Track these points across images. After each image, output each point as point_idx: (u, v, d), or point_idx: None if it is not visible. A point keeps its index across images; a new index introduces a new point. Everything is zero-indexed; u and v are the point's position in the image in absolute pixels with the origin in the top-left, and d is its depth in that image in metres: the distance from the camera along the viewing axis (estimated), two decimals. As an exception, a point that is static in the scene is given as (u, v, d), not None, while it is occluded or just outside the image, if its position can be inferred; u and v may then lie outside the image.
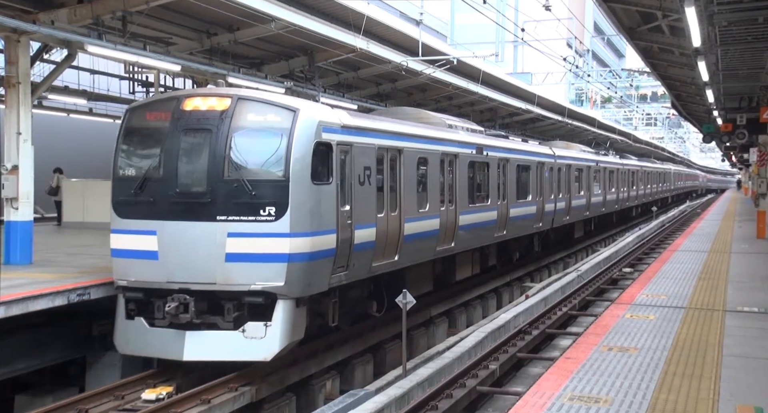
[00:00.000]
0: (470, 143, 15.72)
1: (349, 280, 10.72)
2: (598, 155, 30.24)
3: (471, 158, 15.57)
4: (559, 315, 13.70)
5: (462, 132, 15.95)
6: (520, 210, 18.87)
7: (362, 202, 10.90)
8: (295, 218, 9.42)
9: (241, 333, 9.33)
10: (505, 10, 43.73)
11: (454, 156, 14.66)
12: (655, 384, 6.87)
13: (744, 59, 14.42)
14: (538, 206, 20.57)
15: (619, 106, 62.20)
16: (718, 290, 12.11)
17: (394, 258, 12.15)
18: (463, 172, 15.13)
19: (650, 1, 12.13)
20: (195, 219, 9.53)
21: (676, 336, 8.85)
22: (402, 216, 12.34)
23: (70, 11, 12.31)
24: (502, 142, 18.48)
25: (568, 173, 24.04)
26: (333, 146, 10.18)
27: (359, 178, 10.85)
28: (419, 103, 25.70)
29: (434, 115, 15.92)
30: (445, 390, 9.00)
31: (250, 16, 13.87)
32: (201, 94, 10.17)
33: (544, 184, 21.10)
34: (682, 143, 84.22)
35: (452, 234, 14.42)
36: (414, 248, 12.78)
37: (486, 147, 16.58)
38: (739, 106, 21.85)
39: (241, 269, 9.38)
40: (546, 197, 21.27)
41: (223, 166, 9.52)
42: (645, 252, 23.64)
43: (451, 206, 14.44)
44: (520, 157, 19.11)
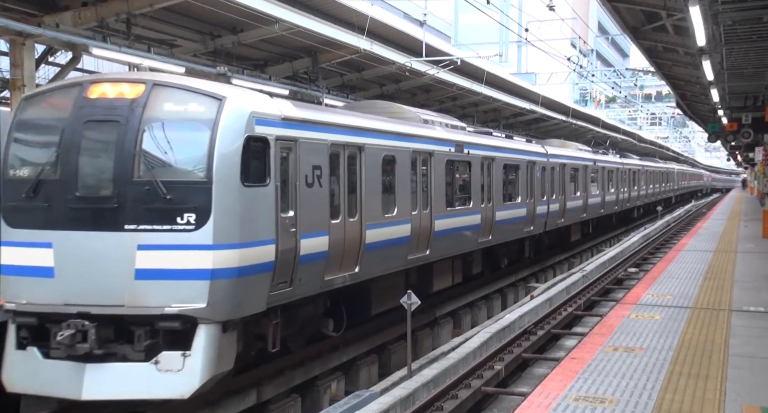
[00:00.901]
0: (448, 140, 14.32)
1: (295, 297, 9.40)
2: (597, 154, 29.17)
3: (449, 157, 14.21)
4: (564, 316, 13.67)
5: (439, 128, 14.47)
6: (507, 214, 17.56)
7: (311, 207, 9.51)
8: (220, 227, 8.03)
9: (154, 366, 7.85)
10: (508, 11, 43.74)
11: (428, 154, 13.30)
12: (661, 385, 6.86)
13: (749, 58, 14.37)
14: (529, 208, 19.24)
15: (623, 105, 62.07)
16: (723, 290, 12.08)
17: (354, 270, 10.81)
18: (440, 172, 13.75)
19: (654, 0, 12.11)
20: (98, 228, 8.05)
21: (682, 336, 8.83)
22: (363, 223, 10.96)
23: (74, 14, 12.36)
24: (486, 140, 17.17)
25: (562, 173, 22.76)
26: (270, 142, 8.74)
27: (307, 179, 9.47)
28: (423, 103, 25.71)
29: (408, 109, 14.56)
30: (450, 391, 8.99)
31: (253, 17, 13.89)
32: (110, 80, 8.63)
33: (535, 185, 19.74)
34: (687, 143, 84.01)
35: (427, 241, 13.14)
36: (379, 257, 11.45)
37: (467, 144, 15.22)
38: (744, 105, 21.78)
39: (153, 288, 7.96)
40: (537, 199, 19.96)
41: (132, 164, 8.09)
42: (650, 252, 23.58)
43: (425, 210, 13.09)
44: (507, 155, 17.72)
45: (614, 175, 30.79)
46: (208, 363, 7.93)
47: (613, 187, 30.65)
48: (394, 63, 18.80)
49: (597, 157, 28.26)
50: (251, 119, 8.50)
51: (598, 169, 27.74)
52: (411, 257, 12.65)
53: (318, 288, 9.93)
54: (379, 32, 17.30)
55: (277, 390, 10.05)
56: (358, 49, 16.55)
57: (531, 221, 19.53)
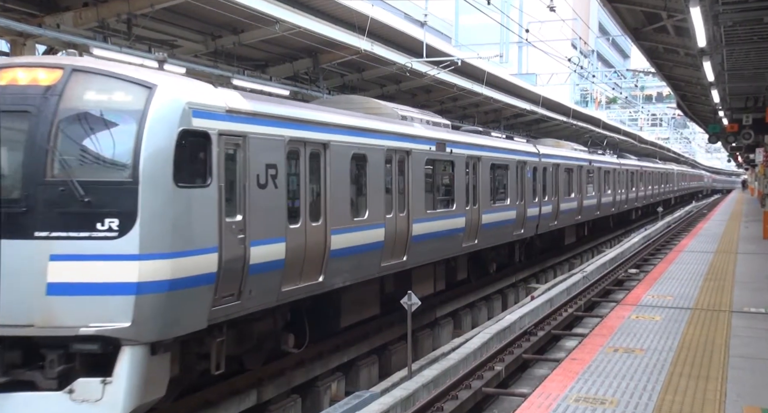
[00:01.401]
0: (428, 138, 13.36)
1: (245, 312, 8.46)
2: (592, 154, 28.22)
3: (429, 156, 13.29)
4: (565, 317, 13.67)
5: (418, 125, 13.48)
6: (495, 216, 16.55)
7: (264, 211, 8.56)
8: (148, 233, 7.01)
9: (68, 395, 6.76)
10: (509, 11, 43.74)
11: (405, 153, 12.35)
12: (661, 386, 6.85)
13: (750, 59, 14.37)
14: (519, 211, 18.24)
15: (624, 106, 62.06)
16: (724, 291, 12.07)
17: (318, 280, 9.82)
18: (419, 172, 12.82)
19: (655, 1, 12.11)
20: (4, 236, 6.97)
21: (682, 337, 8.82)
22: (328, 227, 9.97)
23: (75, 14, 12.37)
24: (471, 138, 16.03)
25: (555, 173, 21.81)
26: (212, 136, 7.76)
27: (259, 180, 8.51)
28: (424, 104, 25.73)
29: (385, 104, 13.59)
30: (450, 392, 8.99)
31: (254, 18, 13.90)
32: (22, 64, 7.60)
33: (525, 186, 18.79)
34: (687, 144, 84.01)
35: (404, 246, 12.21)
36: (347, 265, 10.47)
37: (450, 143, 14.23)
38: (745, 106, 21.78)
39: (68, 305, 6.89)
40: (528, 200, 18.96)
41: (44, 162, 7.03)
42: (651, 252, 23.59)
43: (402, 213, 12.19)
44: (494, 154, 16.75)
45: (611, 175, 30.07)
46: (132, 392, 6.85)
47: (610, 189, 29.92)
48: (394, 63, 18.81)
49: (593, 157, 27.53)
50: (187, 111, 7.50)
51: (593, 169, 27.06)
52: (385, 264, 11.61)
53: (274, 300, 8.95)
54: (380, 33, 17.31)
55: (278, 390, 10.04)
56: (359, 50, 16.56)
57: (521, 224, 18.58)
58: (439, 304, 15.34)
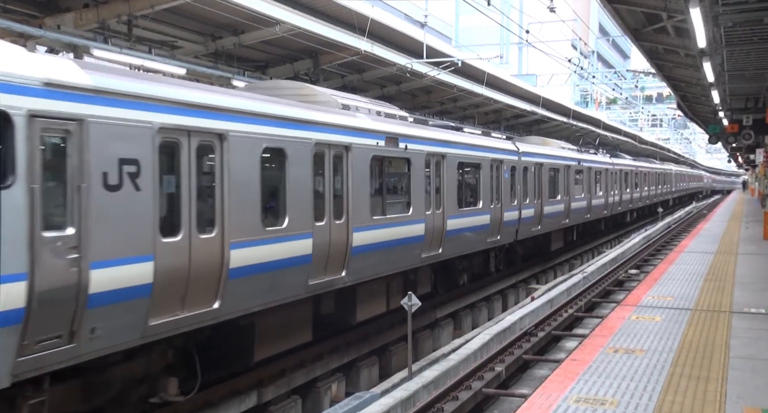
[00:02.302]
0: (374, 131, 11.49)
1: (84, 357, 6.46)
2: (582, 153, 26.55)
3: (377, 152, 11.47)
4: (565, 317, 13.68)
5: (363, 116, 11.64)
6: (464, 222, 14.82)
7: (116, 221, 6.64)
8: None
9: None
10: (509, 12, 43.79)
11: (343, 148, 10.52)
12: (662, 386, 6.85)
13: (750, 60, 14.38)
14: (494, 215, 16.58)
15: (624, 107, 62.10)
16: (724, 291, 12.07)
17: (213, 306, 7.86)
18: (361, 170, 11.01)
19: (655, 2, 12.12)
20: None
21: (683, 337, 8.83)
22: (225, 240, 7.94)
23: (76, 15, 12.37)
24: (432, 132, 14.01)
25: (538, 174, 20.12)
26: (14, 119, 5.79)
27: (107, 180, 6.58)
28: (424, 105, 25.78)
29: (323, 91, 11.72)
30: (450, 393, 9.00)
31: (254, 19, 13.91)
32: None
33: (502, 187, 17.15)
34: (688, 144, 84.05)
35: (342, 259, 10.45)
36: (257, 286, 8.52)
37: (405, 137, 12.45)
38: (746, 107, 21.79)
39: None
40: (506, 203, 17.38)
41: None
42: (651, 253, 23.59)
43: (338, 220, 10.41)
44: (463, 152, 14.91)
45: (603, 176, 28.71)
46: None
47: (602, 190, 28.46)
48: (395, 64, 18.82)
49: (582, 157, 25.95)
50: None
51: (583, 169, 25.45)
52: (315, 281, 9.78)
53: (138, 337, 7.01)
54: (380, 34, 17.31)
55: (278, 391, 10.05)
56: (359, 51, 16.57)
57: (497, 230, 16.91)
58: (439, 305, 15.35)
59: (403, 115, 13.61)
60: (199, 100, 7.85)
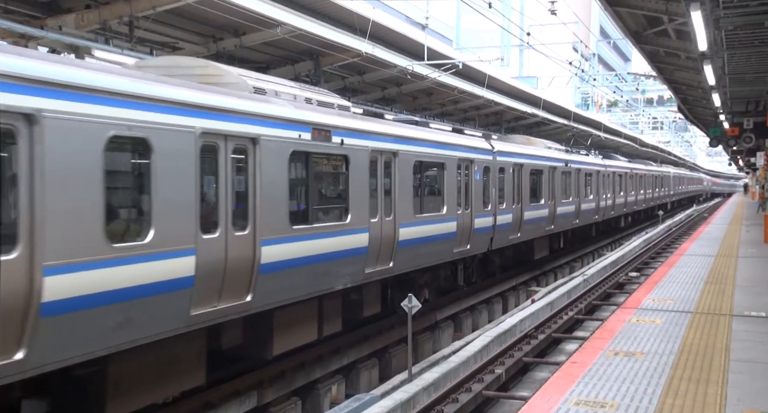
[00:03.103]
0: (296, 121, 9.43)
1: None
2: (570, 154, 24.66)
3: (298, 147, 9.43)
4: (565, 320, 13.68)
5: (281, 102, 9.49)
6: (423, 230, 12.98)
7: None
8: None
9: None
10: (510, 14, 43.83)
11: (249, 141, 8.43)
12: (662, 389, 6.85)
13: (750, 63, 14.40)
14: (462, 222, 14.72)
15: (625, 109, 62.15)
16: (725, 295, 12.07)
17: (14, 358, 5.81)
18: (276, 170, 8.94)
19: (656, 5, 12.13)
20: None
21: (683, 340, 8.82)
22: (37, 261, 5.92)
23: (77, 16, 12.39)
24: (378, 126, 11.88)
25: (517, 175, 18.41)
26: None
27: None
28: (425, 107, 25.80)
29: (230, 71, 9.50)
30: (450, 395, 9.00)
31: (256, 20, 13.92)
32: None
33: (472, 191, 15.30)
34: (688, 147, 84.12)
35: (247, 280, 8.38)
36: (108, 320, 6.59)
37: (341, 130, 10.46)
38: (746, 110, 21.82)
39: None
40: (477, 209, 15.53)
41: None
42: (651, 256, 23.59)
43: (240, 231, 8.27)
44: (420, 149, 13.04)
45: (594, 178, 27.05)
46: None
47: (593, 193, 26.80)
48: (395, 66, 18.83)
49: (570, 157, 24.05)
50: None
51: (571, 171, 23.63)
52: (203, 310, 7.74)
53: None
54: (381, 35, 17.33)
55: (278, 392, 10.05)
56: (360, 52, 16.58)
57: (466, 238, 15.00)
58: (439, 307, 15.35)
59: (344, 104, 11.47)
60: None
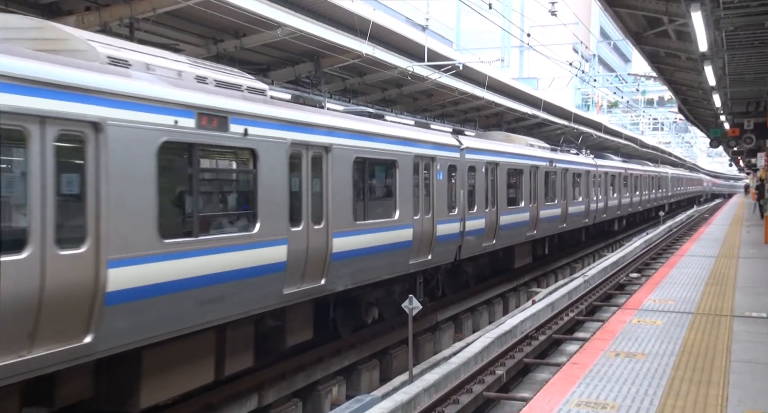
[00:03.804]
0: (170, 103, 7.49)
1: None
2: (556, 152, 22.97)
3: (177, 136, 7.52)
4: (566, 321, 13.67)
5: (145, 77, 7.50)
6: (367, 240, 11.12)
7: None
8: None
9: None
10: (510, 15, 43.85)
11: (89, 126, 6.53)
12: (663, 390, 6.84)
13: (751, 64, 14.40)
14: (420, 229, 12.91)
15: (625, 110, 62.17)
16: (725, 295, 12.06)
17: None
18: (139, 166, 7.01)
19: (656, 5, 12.13)
20: None
21: (684, 341, 8.81)
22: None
23: (78, 18, 12.40)
24: (304, 114, 9.80)
25: (492, 175, 16.65)
26: None
27: None
28: (425, 108, 25.80)
29: (77, 35, 7.40)
30: (451, 396, 8.99)
31: (256, 22, 13.93)
32: None
33: (434, 193, 13.48)
34: (689, 148, 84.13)
35: (87, 314, 6.44)
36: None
37: (244, 118, 8.45)
38: (747, 111, 21.82)
39: None
40: (439, 213, 13.69)
41: None
42: (652, 257, 23.57)
43: (78, 248, 6.39)
44: (361, 144, 11.10)
45: (584, 179, 25.27)
46: None
47: (582, 195, 25.01)
48: (396, 67, 18.84)
49: (556, 156, 22.20)
50: None
51: (557, 171, 21.78)
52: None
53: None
54: (382, 37, 17.33)
55: (279, 394, 10.05)
56: (361, 54, 16.58)
57: (426, 248, 13.25)
58: (440, 308, 15.33)
59: (257, 86, 9.33)
60: None
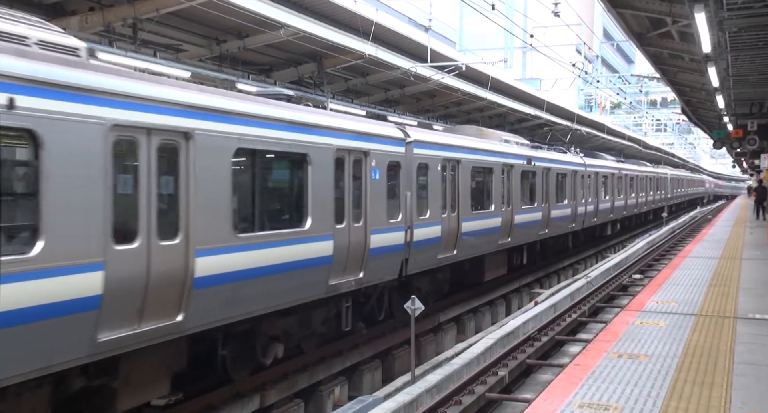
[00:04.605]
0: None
1: None
2: (536, 150, 20.54)
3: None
4: (569, 322, 13.64)
5: None
6: (252, 258, 8.51)
7: None
8: None
9: None
10: (513, 16, 43.83)
11: None
12: (666, 392, 6.82)
13: (755, 65, 14.37)
14: (344, 241, 10.42)
15: (628, 111, 62.13)
16: (729, 297, 12.03)
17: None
18: None
19: (660, 6, 12.11)
20: None
21: (687, 343, 8.79)
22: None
23: (81, 19, 12.42)
24: (139, 86, 7.13)
25: (451, 175, 14.11)
26: None
27: None
28: (428, 109, 25.80)
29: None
30: (453, 397, 8.98)
31: (259, 22, 13.94)
32: None
33: (366, 196, 11.09)
34: (692, 149, 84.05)
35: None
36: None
37: (13, 83, 5.82)
38: (750, 112, 21.79)
39: None
40: (374, 221, 11.24)
41: None
42: (655, 258, 23.53)
43: None
44: (243, 131, 8.37)
45: (570, 179, 23.02)
46: None
47: (568, 197, 22.75)
48: (398, 68, 18.84)
49: (535, 154, 19.77)
50: None
51: (536, 170, 19.34)
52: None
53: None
54: (384, 37, 17.34)
55: (281, 394, 10.04)
56: (363, 54, 16.59)
57: (356, 264, 10.74)
58: (442, 309, 15.32)
59: (64, 43, 6.67)
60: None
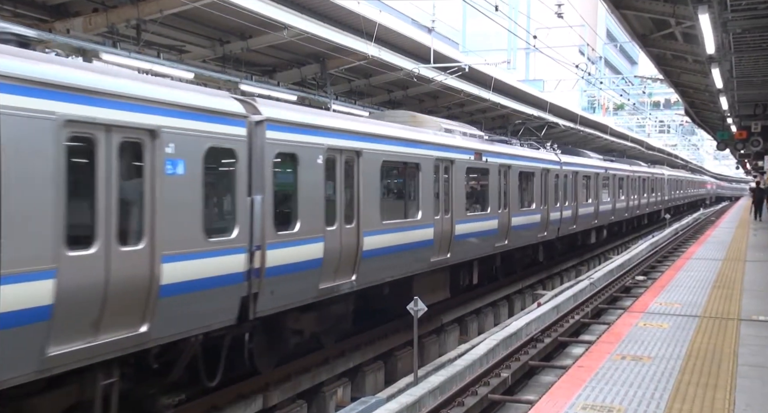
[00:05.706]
0: None
1: None
2: (491, 143, 17.41)
3: None
4: (572, 323, 13.63)
5: None
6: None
7: None
8: None
9: None
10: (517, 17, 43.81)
11: None
12: (669, 394, 6.81)
13: (758, 66, 14.35)
14: (116, 276, 6.61)
15: (631, 113, 62.06)
16: (732, 299, 12.00)
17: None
18: None
19: (663, 8, 12.10)
20: None
21: (690, 345, 8.78)
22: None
23: (85, 20, 12.44)
24: None
25: (342, 172, 10.57)
26: None
27: None
28: (431, 110, 25.78)
29: None
30: (456, 398, 8.97)
31: (262, 23, 13.95)
32: None
33: (160, 203, 7.19)
34: (695, 150, 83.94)
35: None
36: None
37: None
38: (754, 114, 21.75)
39: None
40: (173, 243, 7.34)
41: None
42: (658, 260, 23.50)
43: None
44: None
45: (538, 180, 19.77)
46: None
47: (536, 202, 19.54)
48: (402, 69, 18.84)
49: (489, 148, 16.58)
50: None
51: (489, 168, 16.26)
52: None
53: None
54: (387, 38, 17.34)
55: (284, 395, 10.05)
56: (366, 56, 16.59)
57: (137, 313, 6.94)
58: (445, 310, 15.32)
59: None
60: None
